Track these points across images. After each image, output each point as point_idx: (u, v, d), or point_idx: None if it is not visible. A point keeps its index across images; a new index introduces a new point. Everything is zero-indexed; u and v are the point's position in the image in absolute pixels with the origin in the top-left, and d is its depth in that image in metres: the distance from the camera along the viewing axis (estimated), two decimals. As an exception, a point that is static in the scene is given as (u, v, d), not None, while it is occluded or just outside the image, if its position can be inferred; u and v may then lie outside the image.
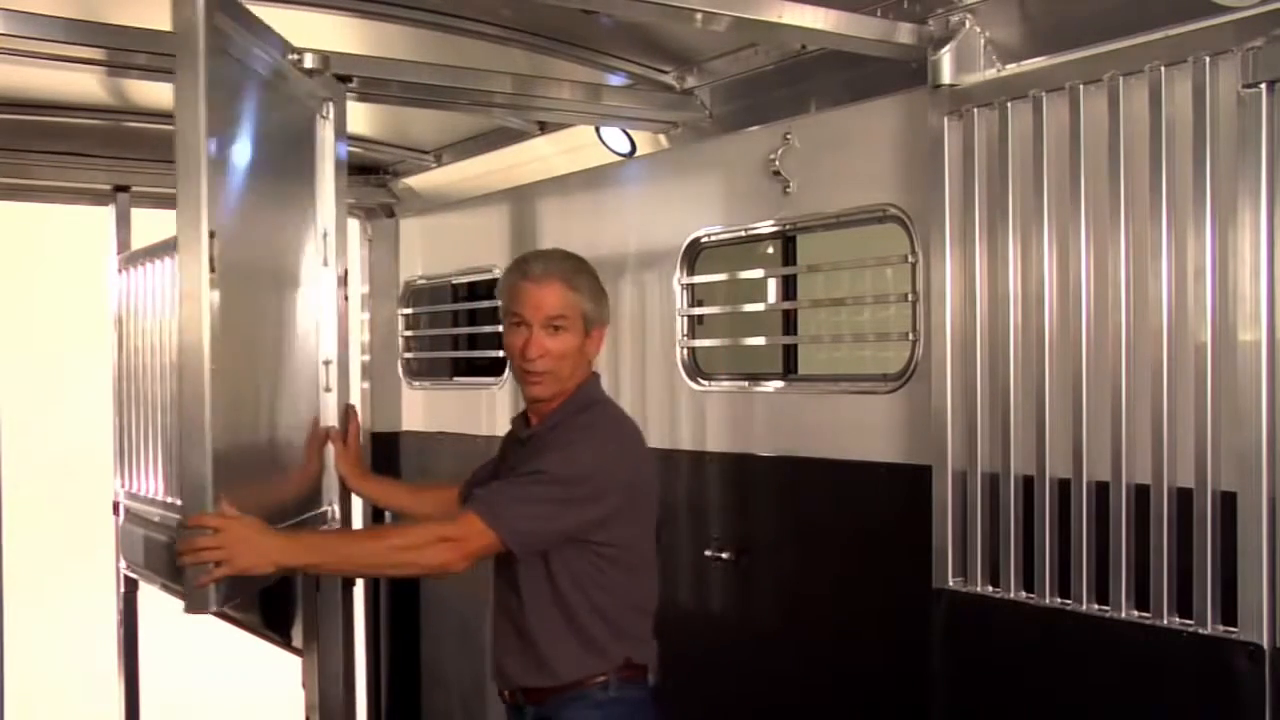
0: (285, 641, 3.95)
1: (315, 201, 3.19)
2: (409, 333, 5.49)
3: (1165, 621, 2.51)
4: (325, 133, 3.21)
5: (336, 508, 3.18)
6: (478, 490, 2.78)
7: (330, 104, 3.20)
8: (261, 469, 2.88)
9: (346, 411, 3.20)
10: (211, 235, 2.42)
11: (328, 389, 3.21)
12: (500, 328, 4.79)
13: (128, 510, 5.49)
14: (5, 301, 6.73)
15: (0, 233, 6.19)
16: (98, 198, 5.64)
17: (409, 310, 5.47)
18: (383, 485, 3.28)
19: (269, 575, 2.56)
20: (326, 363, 3.21)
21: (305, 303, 3.17)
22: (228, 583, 2.46)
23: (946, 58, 2.92)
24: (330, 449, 3.14)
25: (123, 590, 5.62)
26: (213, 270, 2.42)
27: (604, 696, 2.71)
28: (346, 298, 3.27)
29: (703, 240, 3.86)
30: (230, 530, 2.39)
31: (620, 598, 2.73)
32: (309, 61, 2.98)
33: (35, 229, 6.54)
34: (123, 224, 5.63)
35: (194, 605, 2.46)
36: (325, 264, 3.20)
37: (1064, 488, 2.70)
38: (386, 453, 5.42)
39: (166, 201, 6.17)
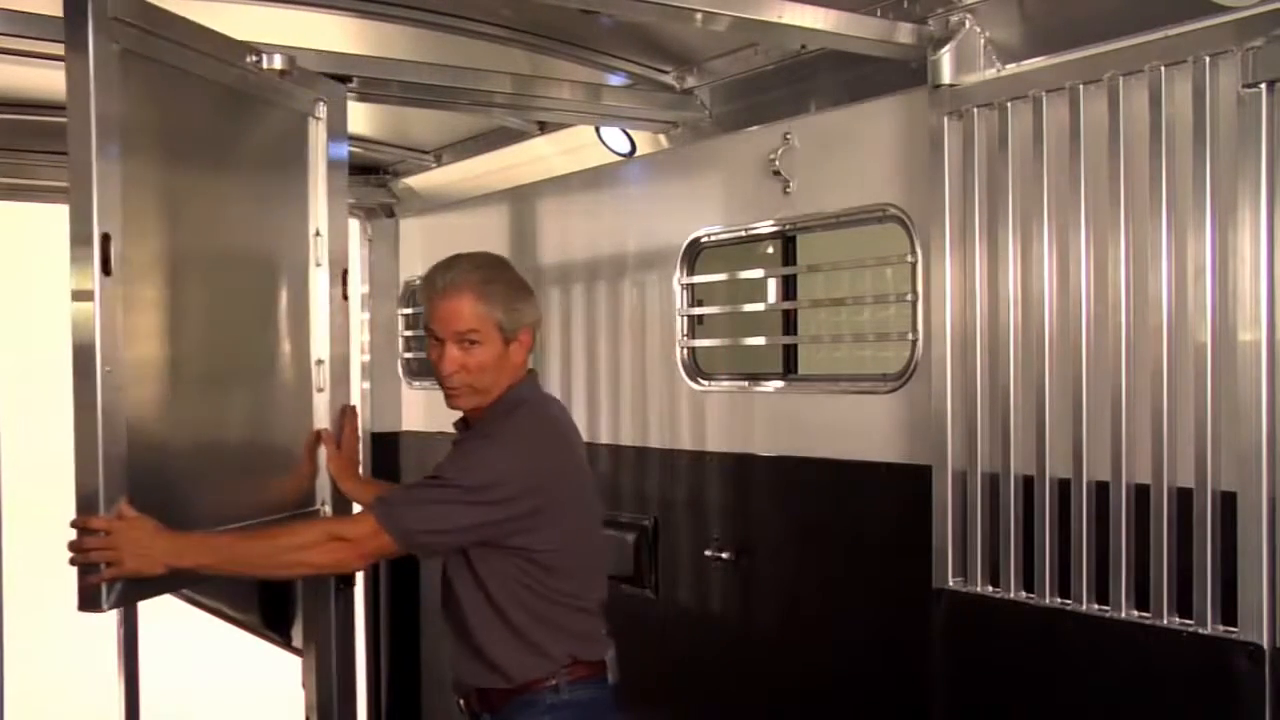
0: (285, 641, 3.95)
1: (306, 201, 3.19)
2: (409, 333, 5.49)
3: (1165, 621, 2.51)
4: (317, 132, 3.21)
5: (329, 508, 3.18)
6: (380, 496, 2.73)
7: (323, 104, 3.19)
8: (202, 468, 2.84)
9: (344, 412, 3.19)
10: (106, 237, 2.40)
11: (320, 389, 3.21)
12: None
13: (128, 510, 5.49)
14: (5, 302, 6.72)
15: (1, 233, 6.19)
16: (98, 198, 5.62)
17: (409, 310, 5.47)
18: (371, 488, 3.26)
19: (166, 576, 2.53)
20: (319, 362, 3.21)
21: (292, 302, 3.16)
22: (125, 584, 2.46)
23: (946, 58, 2.93)
24: (322, 450, 3.14)
25: (123, 590, 5.61)
26: (107, 273, 2.40)
27: (555, 699, 2.67)
28: (346, 297, 3.27)
29: (703, 240, 3.85)
30: (120, 532, 2.40)
31: (556, 599, 2.69)
32: (276, 63, 2.94)
33: (35, 229, 6.53)
34: (123, 224, 5.61)
35: (85, 604, 2.46)
36: (318, 264, 3.20)
37: (1064, 488, 2.70)
38: (386, 453, 5.42)
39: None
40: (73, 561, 2.42)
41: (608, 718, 2.79)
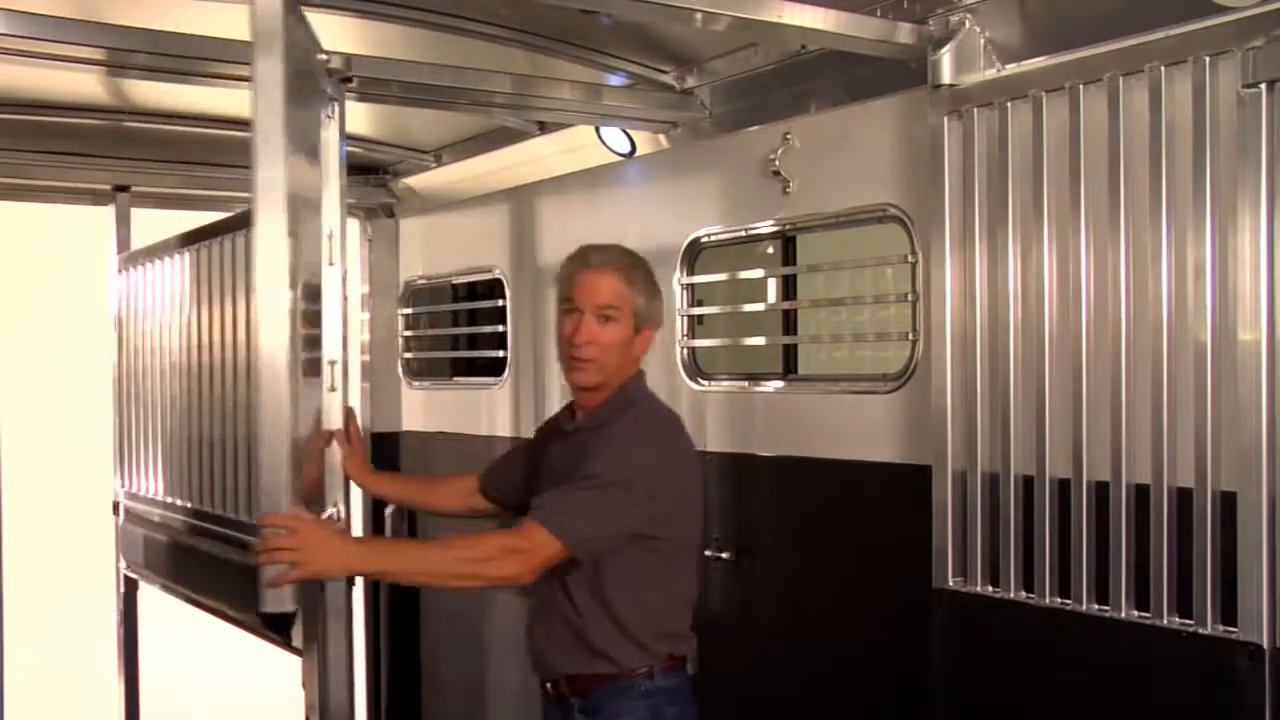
0: (285, 641, 3.95)
1: (320, 202, 3.19)
2: (409, 333, 5.49)
3: (1165, 621, 2.51)
4: (330, 133, 3.21)
5: (342, 507, 3.18)
6: (536, 500, 2.72)
7: (335, 104, 3.20)
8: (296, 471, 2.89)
9: (347, 412, 3.20)
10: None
11: (332, 389, 3.21)
12: (499, 327, 4.83)
13: (128, 510, 5.49)
14: (5, 301, 6.72)
15: (0, 233, 6.19)
16: (98, 198, 5.64)
17: (409, 310, 5.47)
18: (393, 481, 3.27)
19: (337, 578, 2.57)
20: (331, 363, 3.21)
21: (308, 303, 3.17)
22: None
23: (946, 58, 2.93)
24: (335, 449, 3.14)
25: (123, 590, 5.62)
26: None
27: (649, 686, 2.73)
28: (346, 298, 3.28)
29: (702, 240, 3.85)
30: (306, 532, 2.39)
31: (664, 592, 2.75)
32: (335, 63, 3.00)
33: (35, 229, 6.54)
34: (123, 224, 5.63)
35: (273, 604, 2.42)
36: (330, 264, 3.20)
37: (1064, 488, 2.70)
38: (386, 453, 5.42)
39: (166, 201, 6.22)
40: (260, 561, 2.39)
41: (690, 705, 2.83)
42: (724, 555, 3.74)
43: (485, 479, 3.20)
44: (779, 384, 3.67)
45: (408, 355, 5.50)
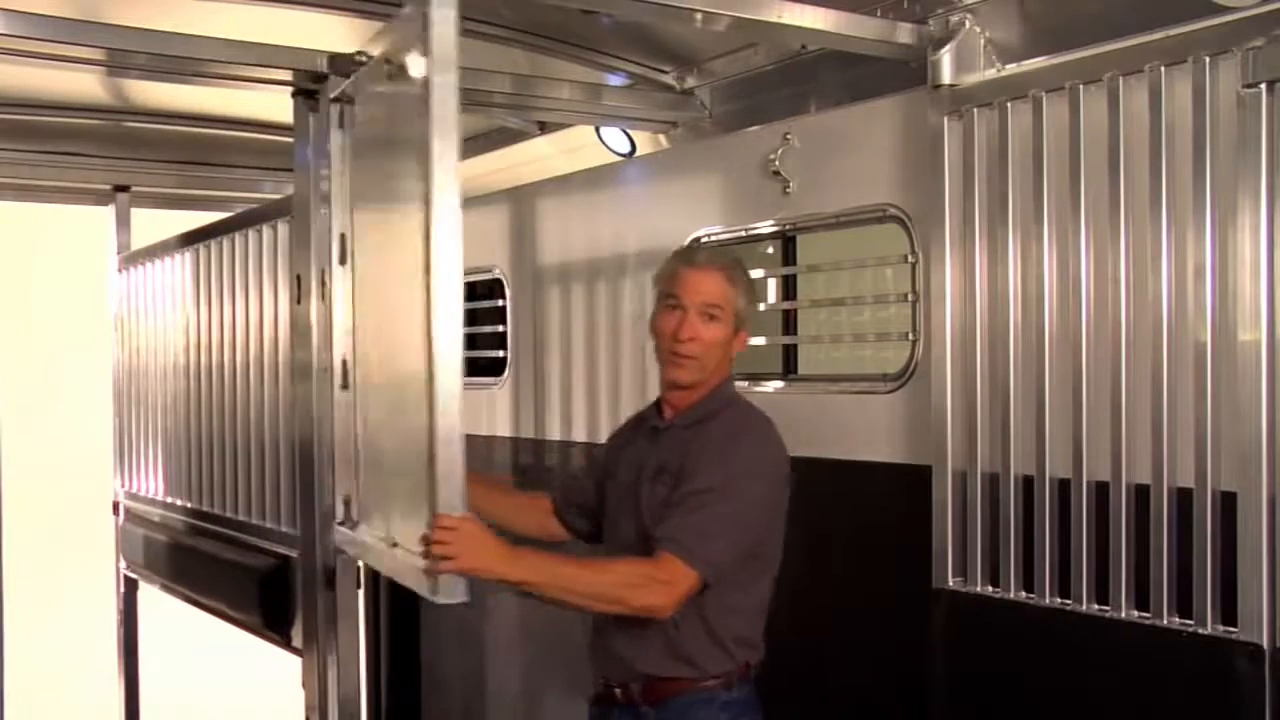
0: (285, 641, 3.95)
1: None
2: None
3: (1165, 621, 2.51)
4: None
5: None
6: (661, 529, 2.62)
7: None
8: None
9: None
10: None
11: (344, 387, 3.25)
12: (499, 327, 4.83)
13: (128, 510, 5.50)
14: (5, 301, 6.73)
15: (0, 233, 6.19)
16: (98, 198, 5.64)
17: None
18: (481, 490, 3.03)
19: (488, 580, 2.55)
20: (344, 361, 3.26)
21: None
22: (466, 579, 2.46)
23: (946, 58, 2.93)
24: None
25: (123, 590, 5.62)
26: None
27: (728, 697, 2.70)
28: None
29: (703, 240, 3.85)
30: (465, 533, 2.42)
31: (750, 598, 2.72)
32: None
33: (35, 229, 6.54)
34: (123, 224, 5.63)
35: (446, 595, 2.46)
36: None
37: (1064, 488, 2.70)
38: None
39: (166, 201, 6.22)
40: (425, 555, 2.45)
41: (759, 716, 2.81)
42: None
43: (561, 505, 3.13)
44: (779, 384, 3.67)
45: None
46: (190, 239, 4.77)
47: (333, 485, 3.26)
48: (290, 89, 3.38)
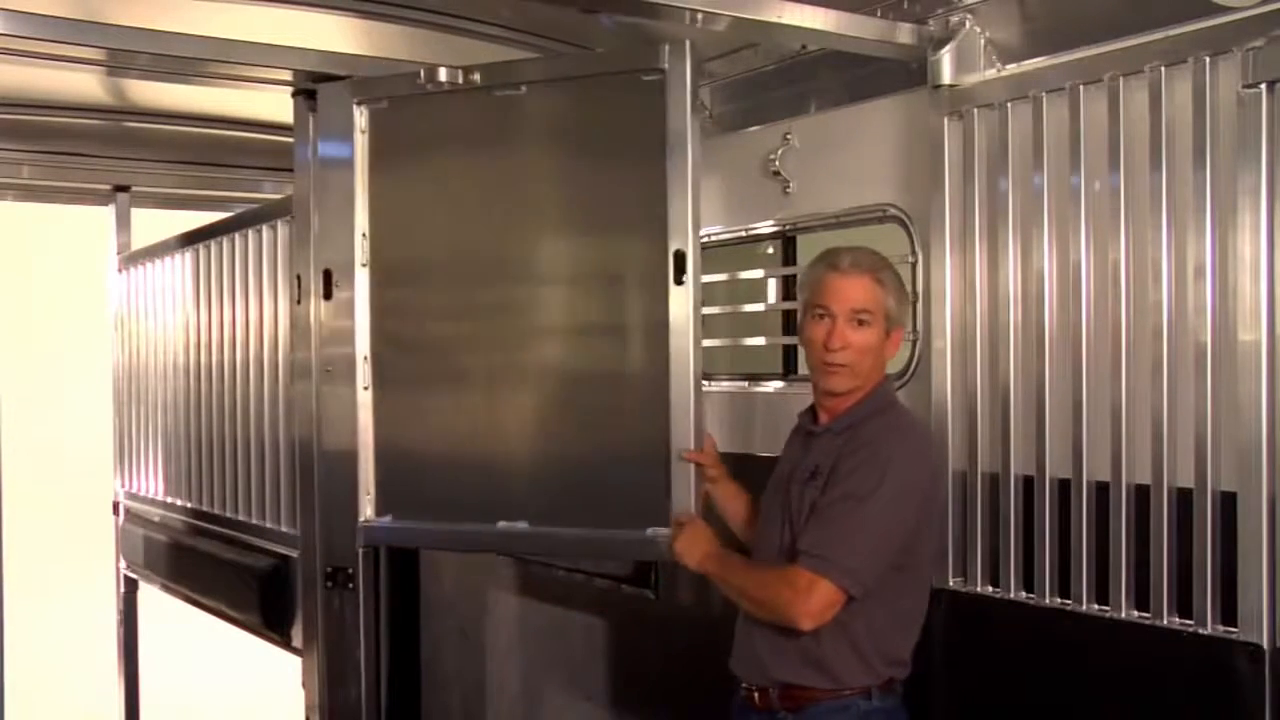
0: (285, 641, 3.95)
1: None
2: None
3: (1165, 621, 2.51)
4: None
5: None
6: (801, 543, 2.59)
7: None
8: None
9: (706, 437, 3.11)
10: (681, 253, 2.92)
11: (366, 388, 3.33)
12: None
13: (128, 510, 5.50)
14: (5, 301, 6.73)
15: (0, 233, 6.20)
16: (98, 198, 5.64)
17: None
18: (746, 514, 3.08)
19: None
20: (365, 358, 3.35)
21: None
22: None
23: (946, 58, 2.93)
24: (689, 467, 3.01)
25: (123, 590, 5.63)
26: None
27: (867, 706, 2.64)
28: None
29: (703, 240, 3.84)
30: (690, 528, 2.82)
31: (896, 610, 2.65)
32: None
33: (35, 229, 6.54)
34: (123, 224, 5.63)
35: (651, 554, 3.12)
36: None
37: (1064, 488, 2.70)
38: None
39: (166, 201, 6.22)
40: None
41: None
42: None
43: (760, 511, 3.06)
44: (779, 384, 3.67)
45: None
46: (190, 239, 4.78)
47: (357, 483, 3.28)
48: (290, 89, 3.38)
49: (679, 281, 2.89)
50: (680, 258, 2.89)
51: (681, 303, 2.90)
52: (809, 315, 2.72)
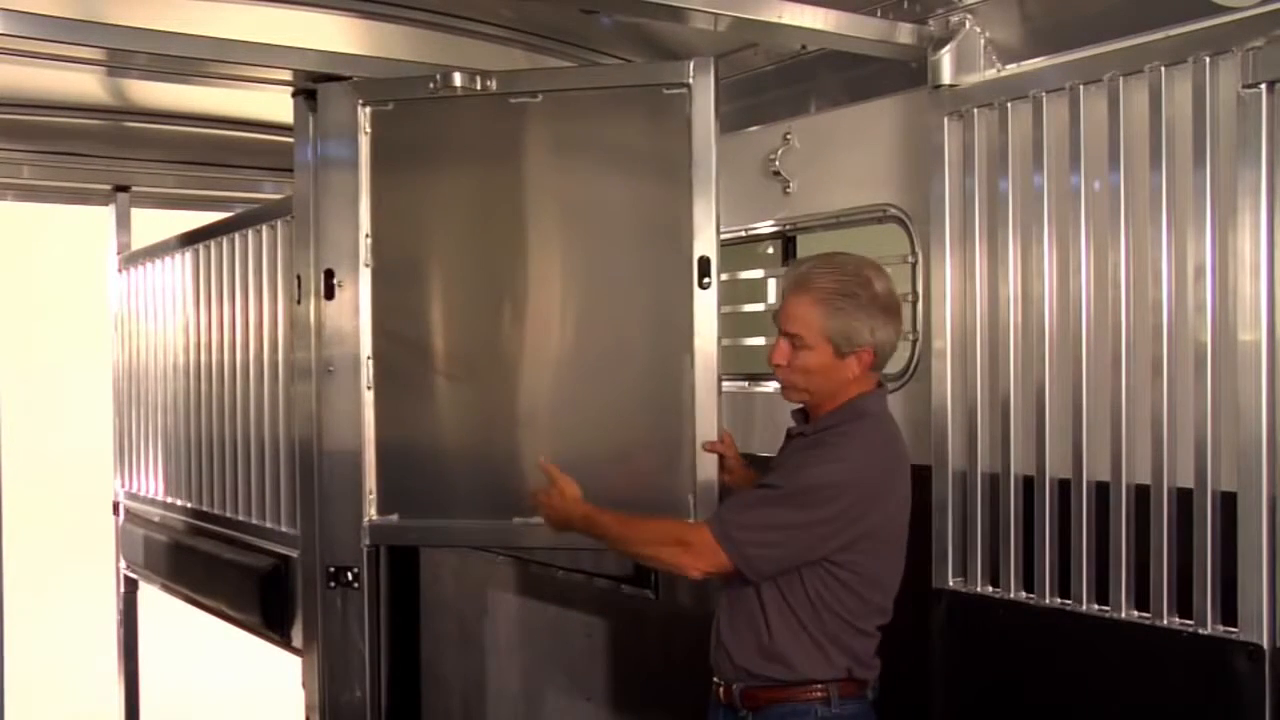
0: (285, 641, 3.95)
1: None
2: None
3: (1165, 621, 2.51)
4: None
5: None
6: (723, 502, 2.73)
7: None
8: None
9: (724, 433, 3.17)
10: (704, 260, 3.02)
11: (369, 387, 3.33)
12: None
13: (128, 510, 5.50)
14: (5, 301, 6.73)
15: (0, 233, 6.20)
16: (98, 198, 5.64)
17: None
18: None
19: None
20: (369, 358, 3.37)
21: None
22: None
23: (946, 58, 2.93)
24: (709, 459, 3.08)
25: (123, 590, 5.63)
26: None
27: (825, 712, 2.65)
28: None
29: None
30: (562, 490, 2.85)
31: (843, 617, 2.65)
32: None
33: (35, 229, 6.54)
34: (123, 224, 5.63)
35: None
36: None
37: (1064, 488, 2.70)
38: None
39: (166, 201, 6.23)
40: (530, 500, 2.95)
41: None
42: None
43: None
44: (779, 384, 3.67)
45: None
46: (190, 239, 4.77)
47: (358, 483, 3.29)
48: (290, 89, 3.38)
49: (703, 285, 3.00)
50: (705, 263, 3.00)
51: (706, 306, 3.01)
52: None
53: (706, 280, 3.00)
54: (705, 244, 3.01)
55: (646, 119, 3.09)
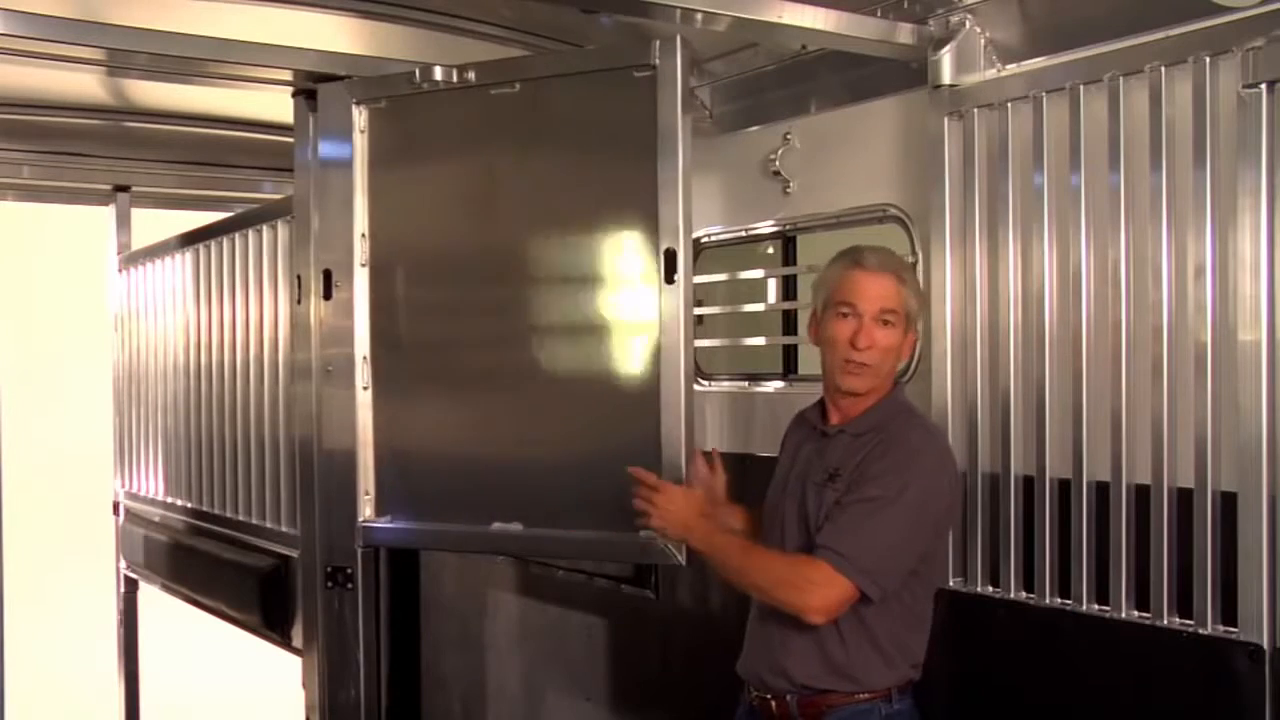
0: (285, 641, 3.95)
1: None
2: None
3: (1165, 621, 2.51)
4: None
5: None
6: (820, 538, 2.56)
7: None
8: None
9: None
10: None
11: (366, 387, 3.32)
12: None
13: (128, 510, 5.50)
14: (5, 301, 6.73)
15: (0, 233, 6.20)
16: (98, 198, 5.64)
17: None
18: (743, 520, 3.05)
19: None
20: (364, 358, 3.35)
21: None
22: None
23: (946, 58, 2.93)
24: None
25: (123, 590, 5.63)
26: None
27: (889, 710, 2.63)
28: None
29: (703, 240, 3.85)
30: (669, 499, 2.68)
31: (912, 614, 2.65)
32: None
33: (35, 229, 6.54)
34: (123, 224, 5.64)
35: (653, 556, 2.91)
36: None
37: (1064, 488, 2.70)
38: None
39: (166, 201, 6.24)
40: (636, 506, 2.71)
41: None
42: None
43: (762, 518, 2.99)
44: (779, 384, 3.67)
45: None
46: (191, 239, 4.78)
47: (358, 484, 3.28)
48: (290, 89, 3.38)
49: (670, 281, 2.83)
50: (671, 256, 2.83)
51: (673, 302, 2.84)
52: (832, 313, 2.67)
53: (674, 275, 2.83)
54: (671, 236, 2.84)
55: (623, 105, 2.94)
